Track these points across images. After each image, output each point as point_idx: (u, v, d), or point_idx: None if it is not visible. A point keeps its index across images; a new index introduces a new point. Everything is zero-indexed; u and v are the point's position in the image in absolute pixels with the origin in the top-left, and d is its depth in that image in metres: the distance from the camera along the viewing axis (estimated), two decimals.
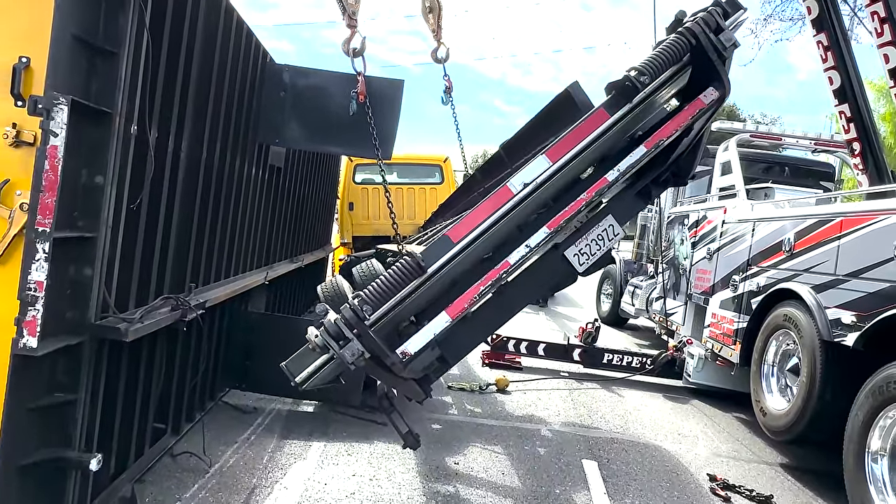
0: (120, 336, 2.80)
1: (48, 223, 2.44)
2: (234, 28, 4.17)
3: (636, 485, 4.43)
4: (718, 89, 3.10)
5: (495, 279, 2.94)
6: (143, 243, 3.26)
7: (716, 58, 3.00)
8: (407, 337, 2.88)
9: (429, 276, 2.80)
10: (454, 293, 2.92)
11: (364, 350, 2.68)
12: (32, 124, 2.72)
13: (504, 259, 2.99)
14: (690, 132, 3.27)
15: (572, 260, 3.40)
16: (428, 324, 2.87)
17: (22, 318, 2.42)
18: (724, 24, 3.00)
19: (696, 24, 3.00)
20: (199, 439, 4.16)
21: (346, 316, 2.70)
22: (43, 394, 2.62)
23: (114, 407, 3.17)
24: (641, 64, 3.02)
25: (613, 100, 3.04)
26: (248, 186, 5.06)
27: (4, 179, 2.74)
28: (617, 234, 3.50)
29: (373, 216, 11.26)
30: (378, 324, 2.76)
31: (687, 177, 3.72)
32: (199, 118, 3.78)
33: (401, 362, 2.83)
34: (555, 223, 3.04)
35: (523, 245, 3.01)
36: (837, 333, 4.44)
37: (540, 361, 7.59)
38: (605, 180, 3.10)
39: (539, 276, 3.53)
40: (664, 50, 3.05)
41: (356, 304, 2.72)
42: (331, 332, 2.72)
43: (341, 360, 2.69)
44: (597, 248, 3.43)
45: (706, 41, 2.96)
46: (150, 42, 2.94)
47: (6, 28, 2.73)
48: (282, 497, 3.70)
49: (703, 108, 3.16)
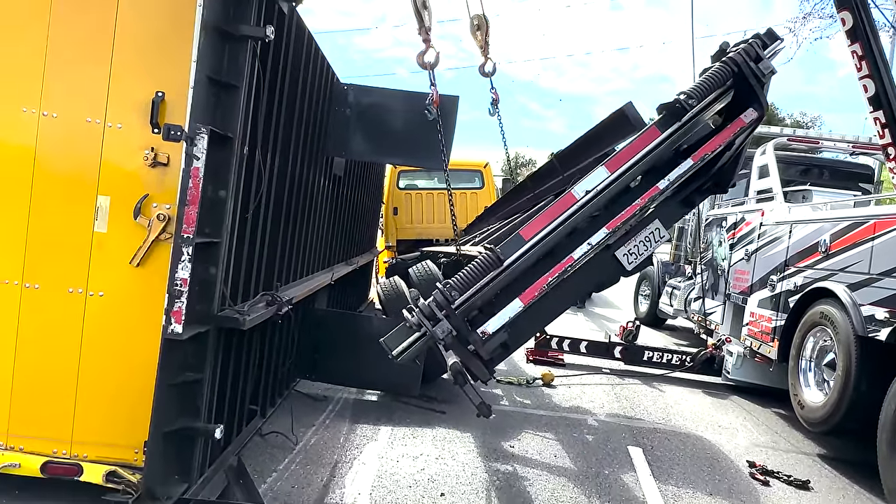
0: (238, 325, 3.31)
1: (191, 231, 2.96)
2: (312, 56, 4.67)
3: (679, 469, 4.78)
4: (757, 110, 3.46)
5: (562, 272, 3.35)
6: (248, 246, 3.77)
7: (755, 83, 3.37)
8: (484, 320, 3.31)
9: (505, 268, 3.23)
10: (526, 283, 3.34)
11: (452, 328, 3.12)
12: (165, 148, 3.27)
13: (568, 255, 3.40)
14: (732, 146, 3.63)
15: (622, 259, 3.79)
16: (504, 308, 3.30)
17: (170, 309, 2.94)
18: (762, 54, 3.36)
19: (739, 55, 3.37)
20: (282, 422, 4.67)
21: (438, 299, 3.15)
22: (179, 373, 3.14)
23: (225, 387, 3.69)
24: (690, 88, 3.41)
25: (665, 119, 3.43)
26: (317, 194, 5.57)
27: (144, 194, 3.29)
28: (663, 236, 3.88)
29: (416, 220, 11.73)
30: (462, 307, 3.20)
31: (727, 186, 4.07)
32: (286, 136, 4.29)
33: (480, 340, 3.25)
34: (613, 224, 3.43)
35: (585, 243, 3.41)
36: (871, 329, 4.71)
37: (582, 359, 7.95)
38: (657, 188, 3.48)
39: (590, 274, 3.93)
40: (711, 76, 3.43)
41: (446, 290, 3.16)
42: (425, 313, 3.16)
43: (433, 336, 3.12)
44: (644, 249, 3.82)
45: (747, 69, 3.32)
46: (261, 76, 3.45)
47: (144, 68, 3.28)
48: (361, 471, 4.17)
49: (743, 126, 3.52)
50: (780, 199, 7.22)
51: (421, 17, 4.73)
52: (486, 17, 6.37)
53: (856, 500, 4.58)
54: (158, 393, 3.01)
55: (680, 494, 4.30)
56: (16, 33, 3.28)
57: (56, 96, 3.29)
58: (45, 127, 3.30)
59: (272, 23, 3.45)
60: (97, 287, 3.30)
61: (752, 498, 4.38)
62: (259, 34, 3.23)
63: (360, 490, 3.89)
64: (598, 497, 4.13)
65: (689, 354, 7.90)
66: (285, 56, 3.97)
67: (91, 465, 3.27)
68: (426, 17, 4.82)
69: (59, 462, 3.28)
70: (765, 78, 3.39)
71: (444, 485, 4.07)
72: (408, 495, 3.89)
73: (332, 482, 3.98)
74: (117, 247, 3.28)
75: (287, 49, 4.00)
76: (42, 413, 3.34)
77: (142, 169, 3.28)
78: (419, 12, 4.80)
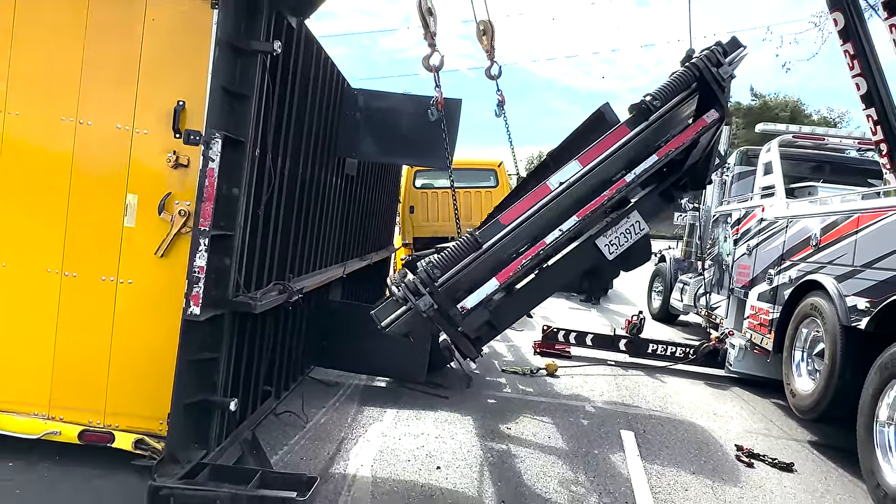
0: (251, 309, 3.69)
1: (207, 224, 3.34)
2: (322, 64, 5.04)
3: (667, 451, 5.04)
4: (718, 111, 3.71)
5: (535, 255, 3.63)
6: (260, 239, 4.15)
7: (716, 87, 3.61)
8: (465, 297, 3.60)
9: (484, 251, 3.52)
10: (503, 264, 3.63)
11: (434, 303, 3.42)
12: (185, 151, 3.68)
13: (541, 240, 3.68)
14: (697, 144, 3.87)
15: (603, 248, 4.08)
16: (482, 286, 3.59)
17: (189, 293, 3.33)
18: (723, 60, 3.60)
19: (701, 60, 3.62)
20: (295, 404, 5.06)
21: (422, 276, 3.45)
22: (198, 351, 3.53)
23: (239, 367, 4.07)
24: (655, 90, 3.67)
25: (633, 118, 3.70)
26: (329, 193, 5.94)
27: (167, 192, 3.69)
28: (643, 229, 4.15)
29: (432, 218, 12.09)
30: (444, 284, 3.48)
31: (703, 182, 4.32)
32: (297, 139, 4.67)
33: (460, 315, 3.55)
34: (582, 213, 3.69)
35: (557, 229, 3.68)
36: (854, 318, 4.91)
37: (588, 351, 8.20)
38: (624, 181, 3.75)
39: (574, 262, 4.24)
40: (674, 80, 3.69)
41: (428, 268, 3.47)
42: (410, 288, 3.47)
43: (416, 309, 3.42)
44: (625, 239, 4.10)
45: (708, 74, 3.57)
46: (271, 85, 3.83)
47: (167, 80, 3.68)
48: (365, 447, 4.53)
49: (705, 125, 3.76)
50: (782, 194, 7.38)
51: (426, 23, 5.01)
52: (491, 23, 6.67)
53: (837, 481, 4.78)
54: (179, 369, 3.40)
55: (664, 472, 4.57)
56: (56, 53, 3.71)
57: (90, 106, 3.72)
58: (80, 133, 3.73)
59: (281, 37, 3.82)
60: (126, 275, 3.72)
61: (734, 477, 4.62)
62: (268, 49, 3.60)
63: (362, 462, 4.25)
64: (585, 473, 4.42)
65: (693, 347, 8.10)
66: (294, 66, 4.33)
67: (122, 434, 3.69)
68: (431, 22, 5.11)
69: (94, 431, 3.71)
70: (724, 82, 3.62)
71: (440, 460, 4.40)
72: (406, 468, 4.23)
73: (337, 456, 4.34)
74: (144, 239, 3.70)
75: (296, 59, 4.36)
76: (79, 387, 3.77)
77: (165, 170, 3.69)
78: (425, 18, 5.08)
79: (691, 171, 4.14)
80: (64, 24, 3.71)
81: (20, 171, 3.74)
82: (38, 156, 3.76)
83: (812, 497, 4.45)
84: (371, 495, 3.81)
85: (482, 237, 3.49)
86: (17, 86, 3.72)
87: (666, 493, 4.22)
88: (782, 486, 4.57)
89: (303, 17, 4.22)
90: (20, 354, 3.77)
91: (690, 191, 4.63)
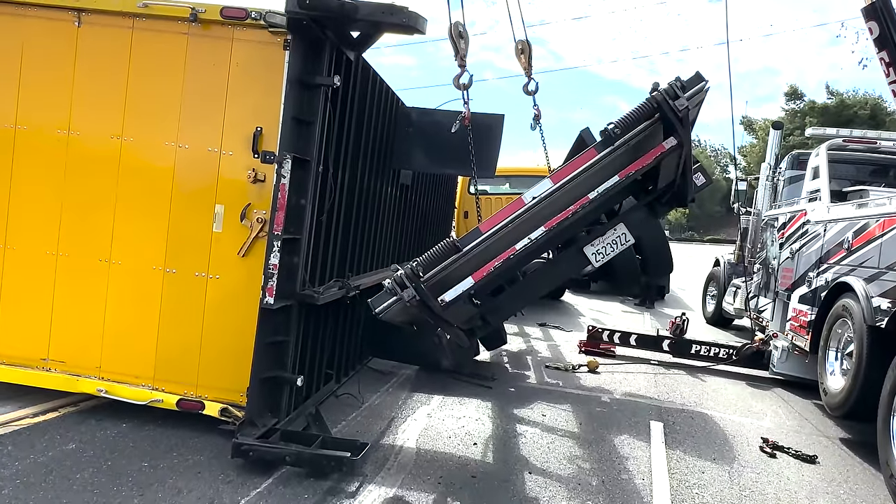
0: (314, 301, 4.39)
1: (280, 229, 4.07)
2: (376, 88, 5.72)
3: (692, 440, 5.39)
4: (676, 139, 4.00)
5: (506, 259, 4.03)
6: (323, 242, 4.86)
7: (673, 117, 3.93)
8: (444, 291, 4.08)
9: (463, 253, 4.00)
10: (479, 266, 4.09)
11: (416, 294, 3.91)
12: (262, 169, 4.41)
13: (511, 246, 4.07)
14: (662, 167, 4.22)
15: (590, 256, 4.55)
16: (459, 284, 4.05)
17: (265, 286, 4.06)
18: (680, 94, 3.91)
19: (659, 93, 3.96)
20: (353, 388, 5.74)
21: (407, 272, 3.96)
22: (272, 334, 4.25)
23: (305, 351, 4.78)
24: (618, 120, 4.03)
25: (601, 144, 4.09)
26: (385, 201, 6.63)
27: (247, 203, 4.45)
28: (629, 241, 4.57)
29: None
30: (427, 280, 3.94)
31: (685, 201, 4.71)
32: (355, 155, 5.36)
33: (439, 306, 4.03)
34: (549, 224, 4.06)
35: (526, 237, 4.06)
36: (878, 318, 5.11)
37: (632, 351, 8.53)
38: (588, 198, 4.08)
39: (562, 266, 4.74)
40: (636, 110, 4.00)
41: (414, 266, 3.97)
42: (397, 282, 3.99)
43: (401, 299, 3.93)
44: (611, 249, 4.56)
45: (665, 105, 3.90)
46: (332, 111, 4.52)
47: (248, 110, 4.44)
48: (412, 425, 5.15)
49: (663, 151, 4.07)
50: (826, 199, 7.49)
51: (456, 46, 5.52)
52: (528, 42, 7.17)
53: (859, 474, 5.00)
54: (257, 349, 4.13)
55: (684, 458, 4.94)
56: (160, 91, 4.54)
57: (187, 132, 4.53)
58: (180, 155, 4.55)
59: (340, 71, 4.52)
60: (215, 272, 4.50)
61: (753, 465, 4.93)
62: (329, 83, 4.30)
63: (409, 437, 4.87)
64: (609, 453, 4.86)
65: (735, 349, 8.27)
66: (352, 93, 5.02)
67: (210, 403, 4.46)
68: (461, 45, 5.61)
69: (189, 399, 4.50)
70: (681, 113, 3.92)
71: (478, 438, 4.96)
72: (447, 443, 4.81)
73: (387, 431, 4.98)
74: (229, 242, 4.47)
75: (354, 87, 5.05)
76: (177, 364, 4.57)
77: (246, 184, 4.44)
78: (455, 42, 5.58)
79: (671, 189, 4.53)
80: (167, 63, 4.54)
81: (133, 187, 4.60)
82: (147, 173, 4.60)
83: (828, 485, 4.71)
84: (414, 462, 4.41)
85: (461, 242, 3.95)
86: (131, 117, 4.58)
87: (682, 474, 4.60)
88: (800, 475, 4.84)
89: (359, 52, 4.89)
90: (132, 336, 4.62)
91: (675, 207, 4.98)
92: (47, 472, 3.71)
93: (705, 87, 4.13)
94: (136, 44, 4.54)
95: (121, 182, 4.60)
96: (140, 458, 4.02)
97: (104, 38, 4.57)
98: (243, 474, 3.90)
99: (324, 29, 4.24)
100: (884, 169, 8.95)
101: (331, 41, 4.36)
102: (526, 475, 4.33)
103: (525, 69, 7.03)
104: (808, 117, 39.13)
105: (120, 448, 4.14)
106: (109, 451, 4.06)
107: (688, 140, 4.05)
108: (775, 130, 10.69)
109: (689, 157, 4.21)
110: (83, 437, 4.24)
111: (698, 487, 4.40)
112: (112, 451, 4.06)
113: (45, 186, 4.67)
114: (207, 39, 4.48)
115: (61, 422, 4.48)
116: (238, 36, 4.45)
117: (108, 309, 4.64)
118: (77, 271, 4.66)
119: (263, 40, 4.38)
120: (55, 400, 4.73)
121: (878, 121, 35.57)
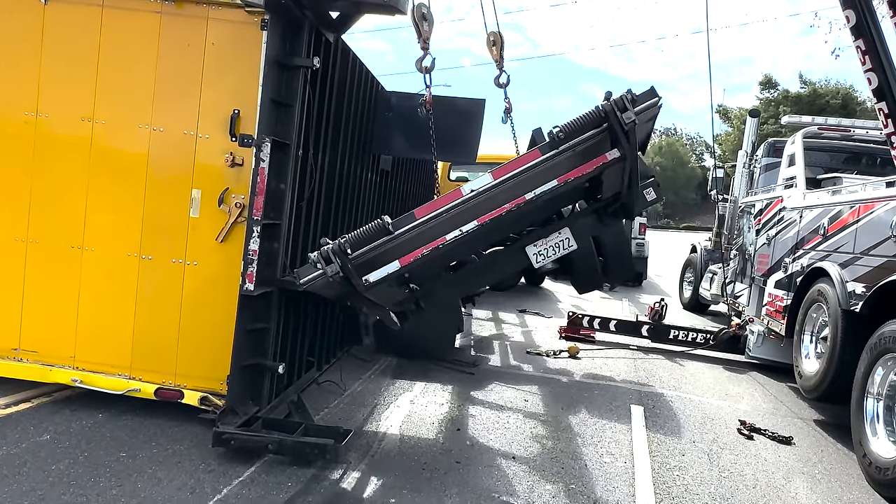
0: (295, 287, 4.30)
1: (259, 214, 3.98)
2: (356, 71, 5.62)
3: (672, 423, 5.46)
4: (620, 151, 3.96)
5: (434, 247, 3.96)
6: (304, 227, 4.77)
7: (619, 129, 3.88)
8: (370, 272, 3.97)
9: (395, 236, 3.88)
10: (407, 251, 3.99)
11: (340, 270, 3.80)
12: (240, 152, 4.32)
13: (442, 235, 3.98)
14: (604, 177, 4.19)
15: (531, 256, 4.55)
16: (386, 266, 3.96)
17: (245, 272, 3.98)
18: (629, 107, 3.87)
19: (609, 104, 3.91)
20: (335, 375, 5.70)
21: (333, 248, 3.82)
22: (252, 321, 4.18)
23: (286, 338, 4.72)
24: (564, 125, 3.94)
25: (546, 146, 4.04)
26: (366, 187, 6.55)
27: (225, 188, 4.35)
28: (571, 246, 4.57)
29: None
30: (354, 258, 3.83)
31: (632, 213, 4.72)
32: (335, 139, 5.27)
33: (363, 285, 3.93)
34: (482, 220, 3.99)
35: (458, 230, 3.98)
36: (853, 303, 5.21)
37: (612, 336, 8.61)
38: (523, 198, 4.00)
39: (503, 260, 4.76)
40: (582, 117, 3.93)
41: (342, 242, 3.83)
42: (322, 256, 3.84)
43: (324, 273, 3.80)
44: (553, 252, 4.56)
45: (612, 117, 3.86)
46: (311, 94, 4.43)
47: (225, 92, 4.32)
48: (395, 412, 5.13)
49: (605, 162, 4.00)
50: (802, 186, 7.60)
51: (419, 28, 5.41)
52: (500, 34, 7.08)
53: (833, 454, 5.12)
54: (237, 336, 4.06)
55: (665, 440, 5.00)
56: (134, 70, 4.40)
57: (162, 115, 4.41)
58: (154, 138, 4.43)
59: (320, 52, 4.42)
60: (192, 258, 4.40)
61: (731, 447, 5.02)
62: (308, 64, 4.20)
63: (391, 423, 4.85)
64: (591, 437, 4.90)
65: (713, 333, 8.40)
66: (332, 75, 4.92)
67: (190, 392, 4.38)
68: (424, 27, 5.49)
69: (167, 388, 4.41)
70: (626, 126, 3.90)
71: (460, 423, 4.96)
72: (430, 428, 4.81)
73: (370, 418, 4.95)
74: (207, 228, 4.37)
75: (333, 70, 4.95)
76: (155, 352, 4.48)
77: (223, 168, 4.34)
78: (418, 24, 5.46)
79: (618, 200, 4.54)
80: (140, 45, 4.39)
81: (106, 171, 4.46)
82: (120, 157, 4.47)
83: (804, 465, 4.82)
84: (398, 449, 4.40)
85: (394, 225, 3.88)
86: (103, 99, 4.43)
87: (664, 456, 4.66)
88: (777, 456, 4.94)
89: (339, 33, 4.79)
90: (107, 325, 4.51)
91: (623, 218, 4.94)
92: (21, 463, 3.61)
93: (658, 103, 4.08)
94: (107, 22, 4.39)
95: (93, 166, 4.46)
96: (118, 448, 3.93)
97: (72, 16, 4.41)
98: (225, 463, 3.84)
99: (302, 9, 4.13)
100: (856, 157, 9.11)
101: (310, 21, 4.26)
102: (509, 460, 4.34)
103: (497, 61, 6.94)
104: (781, 106, 39.75)
105: (96, 438, 4.04)
106: (86, 442, 3.97)
107: (632, 153, 3.98)
108: (752, 118, 10.80)
109: (634, 170, 4.16)
110: (58, 427, 4.14)
111: (679, 469, 4.45)
112: (88, 442, 3.97)
113: (12, 171, 4.51)
114: (181, 18, 4.35)
115: (35, 412, 4.36)
116: (213, 15, 4.32)
117: (81, 297, 4.52)
118: (48, 259, 4.53)
119: (240, 20, 4.26)
120: (28, 390, 4.60)
121: (849, 110, 36.26)
